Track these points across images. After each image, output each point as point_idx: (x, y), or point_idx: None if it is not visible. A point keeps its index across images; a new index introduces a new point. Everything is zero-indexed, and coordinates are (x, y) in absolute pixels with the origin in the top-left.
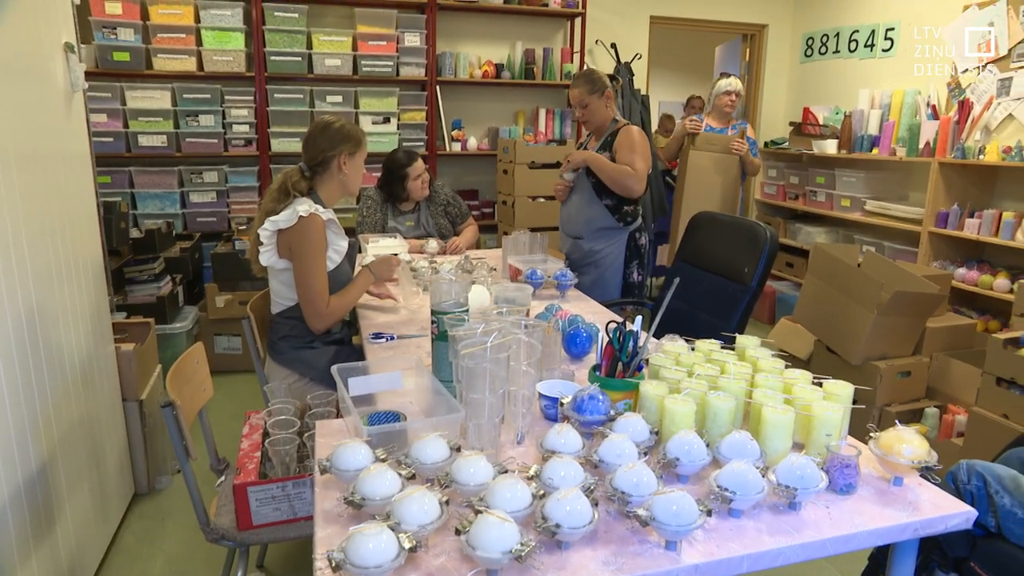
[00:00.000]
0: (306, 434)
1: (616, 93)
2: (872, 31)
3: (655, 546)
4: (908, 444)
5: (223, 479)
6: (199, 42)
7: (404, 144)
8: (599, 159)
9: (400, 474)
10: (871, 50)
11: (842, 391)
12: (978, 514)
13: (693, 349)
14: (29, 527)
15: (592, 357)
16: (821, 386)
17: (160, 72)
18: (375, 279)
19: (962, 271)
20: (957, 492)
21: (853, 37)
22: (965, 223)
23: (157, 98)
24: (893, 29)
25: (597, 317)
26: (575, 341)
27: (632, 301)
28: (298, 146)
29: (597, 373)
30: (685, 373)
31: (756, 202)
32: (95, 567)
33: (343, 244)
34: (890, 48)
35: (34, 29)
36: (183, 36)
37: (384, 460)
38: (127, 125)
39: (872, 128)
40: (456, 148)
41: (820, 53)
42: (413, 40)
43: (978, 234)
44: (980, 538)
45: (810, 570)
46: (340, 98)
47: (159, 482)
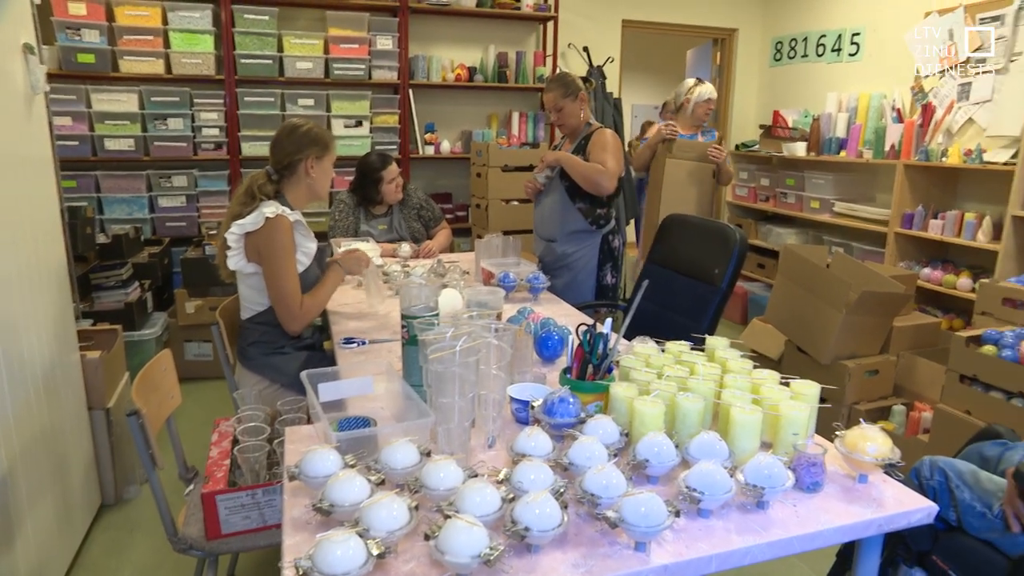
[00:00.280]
0: (276, 441)
1: (589, 96)
2: (839, 36)
3: (624, 547)
4: (872, 442)
5: (192, 488)
6: (167, 44)
7: (377, 147)
8: (571, 158)
9: (369, 480)
10: (838, 54)
11: (809, 390)
12: (939, 509)
13: (663, 351)
14: None
15: (564, 360)
16: (788, 386)
17: (127, 75)
18: (345, 274)
19: (927, 271)
20: (920, 488)
21: (820, 42)
22: (929, 224)
23: (124, 101)
24: (859, 34)
25: (570, 320)
26: (547, 344)
27: (606, 303)
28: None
29: (568, 376)
30: (655, 375)
31: (728, 204)
32: None
33: (312, 246)
34: (856, 52)
35: None
36: (150, 38)
37: (353, 466)
38: (93, 128)
39: (840, 131)
40: (429, 151)
41: (789, 57)
42: (385, 43)
43: (942, 235)
44: (942, 532)
45: (781, 567)
46: (312, 101)
47: (127, 492)
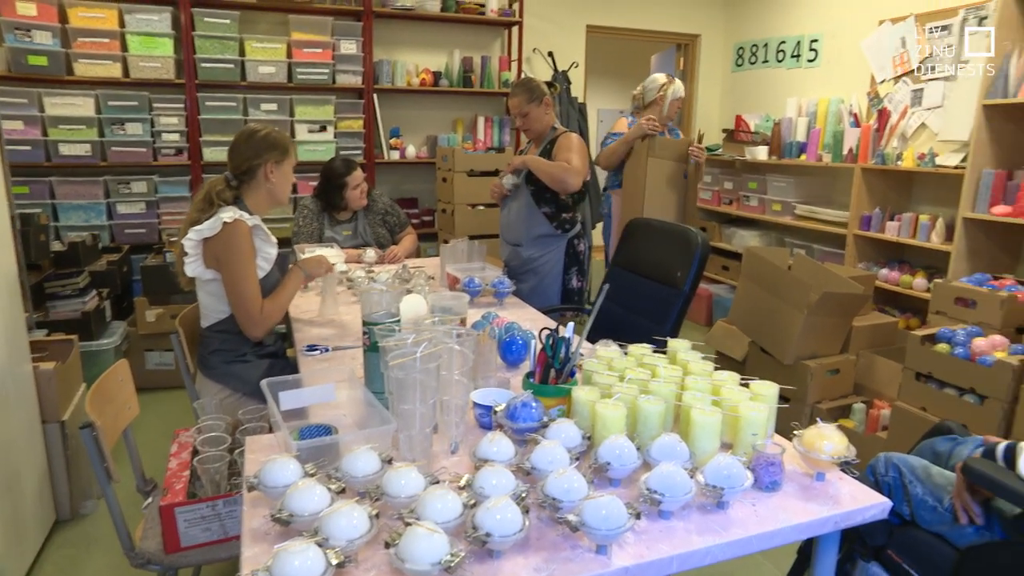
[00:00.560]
0: (237, 451)
1: (554, 100)
2: (798, 42)
3: (586, 551)
4: (828, 440)
5: (150, 501)
6: (124, 47)
7: (342, 152)
8: (537, 159)
9: (330, 489)
10: (797, 60)
11: (767, 391)
12: (893, 504)
13: (626, 354)
14: None
15: (528, 364)
16: (748, 387)
17: (82, 78)
18: (305, 276)
19: (885, 271)
20: (876, 484)
21: (780, 48)
22: (886, 226)
23: (79, 105)
24: (817, 41)
25: (535, 324)
26: (511, 349)
27: (571, 307)
28: None
29: (531, 380)
30: (617, 378)
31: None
32: None
33: (272, 251)
34: (815, 59)
35: None
36: (106, 41)
37: (314, 475)
38: (46, 133)
39: (800, 135)
40: (394, 156)
41: (750, 63)
42: (349, 48)
43: (898, 236)
44: (896, 526)
45: (746, 565)
46: (275, 106)
47: (83, 507)
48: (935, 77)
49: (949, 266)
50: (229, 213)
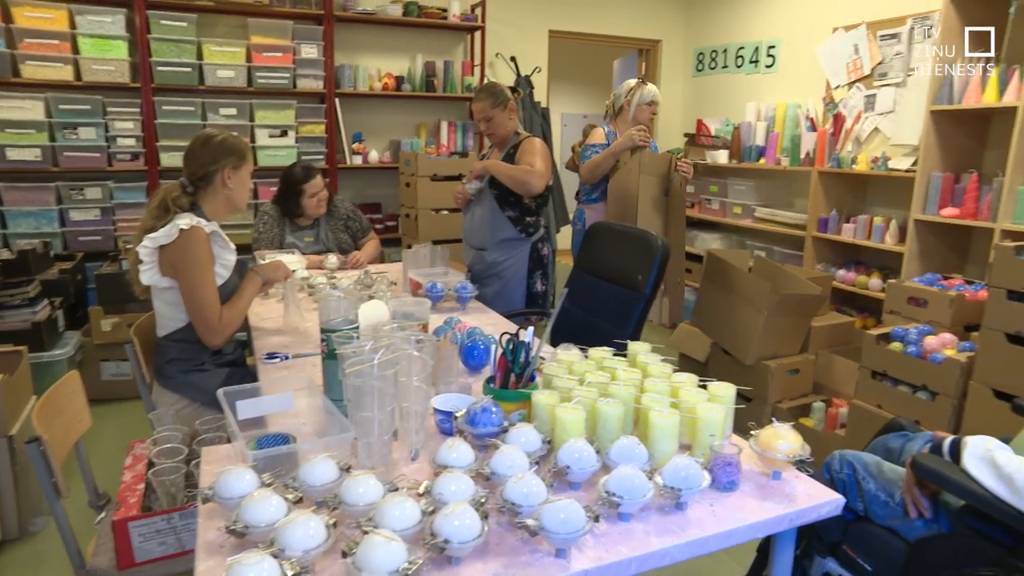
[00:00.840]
0: (194, 462)
1: (518, 105)
2: (756, 48)
3: (546, 555)
4: (784, 440)
5: (103, 515)
6: (75, 50)
7: (303, 158)
8: (499, 164)
9: (286, 498)
10: (756, 66)
11: (725, 392)
12: (848, 500)
13: (587, 357)
14: None
15: (490, 369)
16: (706, 388)
17: (30, 80)
18: (263, 281)
19: (842, 272)
20: (831, 481)
21: (739, 53)
22: (843, 228)
23: (28, 108)
24: (774, 47)
25: (497, 329)
26: (472, 354)
27: (536, 311)
28: None
29: (491, 385)
30: (577, 381)
31: None
32: None
33: (231, 258)
34: (772, 64)
35: None
36: (56, 42)
37: (270, 485)
38: None
39: (759, 139)
40: (357, 161)
41: (710, 68)
42: (310, 52)
43: (854, 238)
44: (851, 522)
45: (709, 564)
46: (234, 110)
47: (34, 524)
48: (886, 83)
49: (902, 267)
50: (186, 220)
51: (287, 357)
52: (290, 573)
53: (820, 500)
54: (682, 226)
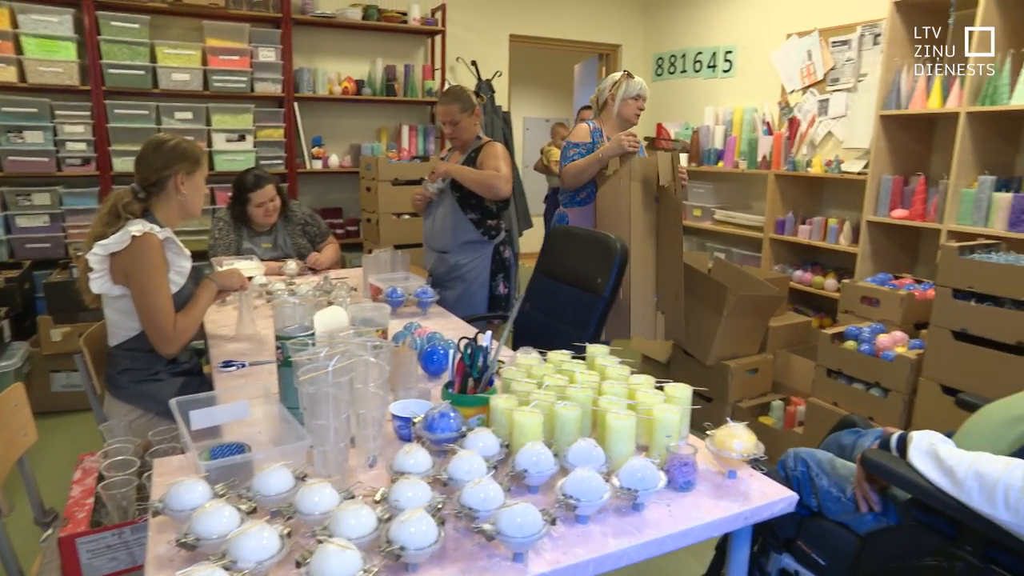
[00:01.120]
0: (146, 474)
1: (480, 110)
2: (713, 53)
3: (503, 559)
4: (738, 439)
5: (49, 532)
6: (19, 50)
7: (262, 162)
8: (463, 169)
9: (240, 509)
10: (713, 70)
11: (681, 393)
12: (802, 497)
13: (546, 360)
14: None
15: (449, 374)
16: (663, 389)
17: None
18: (218, 288)
19: (799, 273)
20: (786, 479)
21: (697, 58)
22: (799, 229)
23: None
24: (731, 52)
25: (458, 333)
26: (432, 359)
27: (498, 315)
28: None
29: (449, 390)
30: (535, 385)
31: None
32: None
33: (185, 265)
34: (729, 69)
35: None
36: None
37: (223, 496)
38: None
39: (717, 143)
40: (317, 166)
41: (670, 72)
42: (268, 55)
43: (810, 239)
44: (805, 518)
45: (671, 562)
46: (190, 114)
47: None
48: (839, 88)
49: (856, 267)
50: (138, 226)
51: (244, 365)
52: None
53: (774, 498)
54: (679, 237)
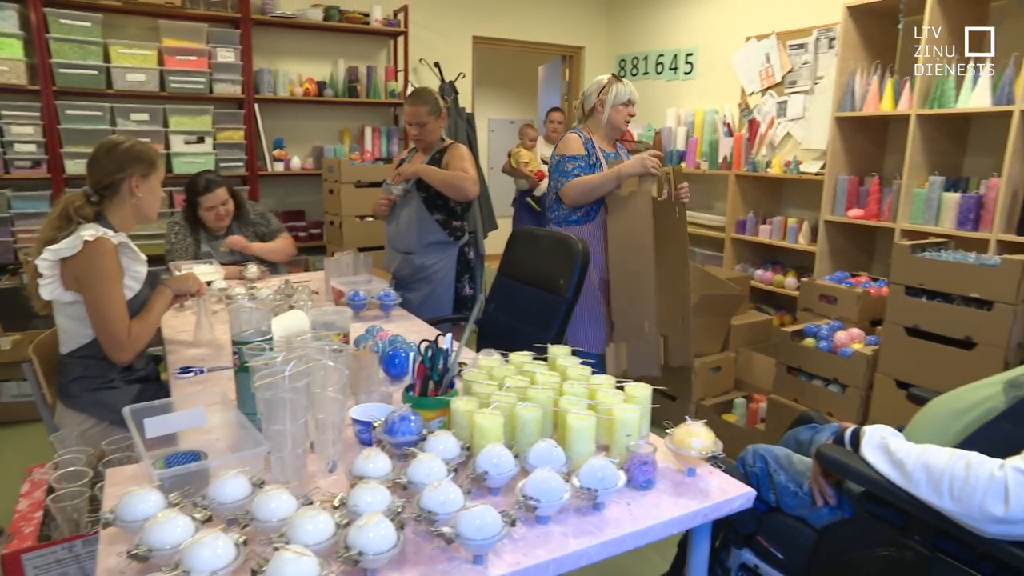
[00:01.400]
0: (99, 485)
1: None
2: (675, 55)
3: (464, 562)
4: (697, 437)
5: None
6: None
7: (222, 165)
8: (431, 169)
9: (194, 518)
10: (675, 72)
11: (641, 393)
12: (760, 492)
13: (508, 362)
14: None
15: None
16: (623, 389)
17: None
18: (174, 294)
19: (760, 272)
20: (745, 475)
21: (659, 60)
22: (759, 229)
23: None
24: (692, 54)
25: (421, 336)
26: (394, 362)
27: (465, 316)
28: None
29: (410, 393)
30: (496, 386)
31: None
32: None
33: (141, 270)
34: (691, 71)
35: None
36: None
37: (178, 505)
38: None
39: (680, 144)
40: (279, 168)
41: (632, 74)
42: (227, 56)
43: (770, 239)
44: (764, 513)
45: (636, 560)
46: (147, 115)
47: None
48: (796, 91)
49: (815, 265)
50: (90, 231)
51: (202, 371)
52: None
53: (732, 494)
54: (685, 255)
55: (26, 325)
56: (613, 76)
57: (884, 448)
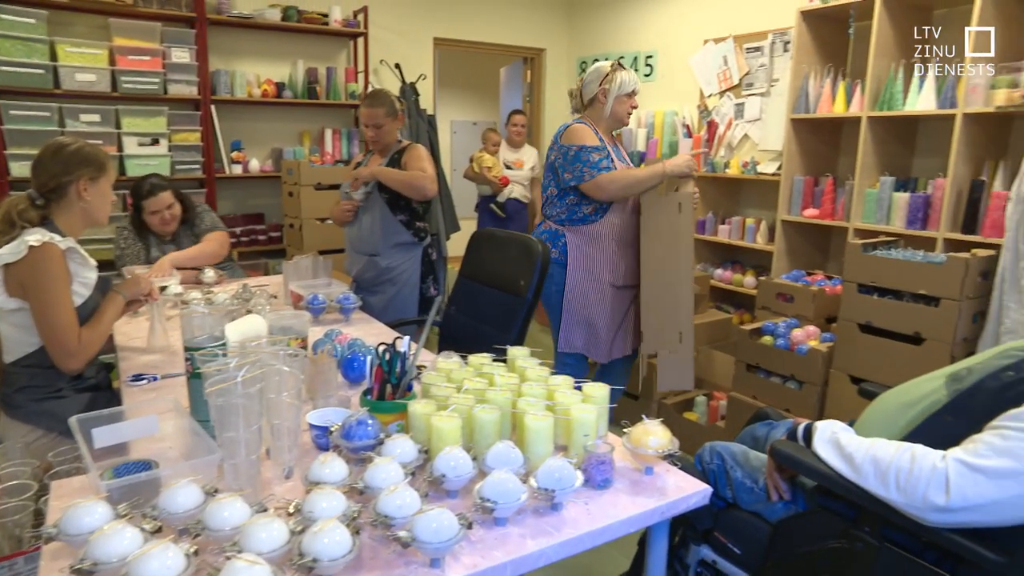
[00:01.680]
0: (44, 498)
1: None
2: (635, 57)
3: (421, 566)
4: (654, 436)
5: None
6: None
7: (178, 167)
8: (388, 170)
9: (143, 529)
10: (635, 74)
11: (598, 392)
12: (718, 489)
13: (467, 364)
14: None
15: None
16: (581, 389)
17: None
18: (125, 299)
19: (720, 271)
20: (703, 472)
21: (620, 63)
22: (719, 229)
23: None
24: (652, 56)
25: (381, 339)
26: (352, 366)
27: (426, 319)
28: None
29: (368, 397)
30: (455, 389)
31: None
32: None
33: (91, 276)
34: (651, 73)
35: None
36: None
37: (126, 516)
38: None
39: (640, 145)
40: (237, 170)
41: None
42: (182, 56)
43: (729, 238)
44: (721, 510)
45: (600, 559)
46: (98, 117)
47: None
48: (753, 93)
49: (772, 264)
50: (36, 236)
51: (155, 378)
52: None
53: (689, 491)
54: (690, 264)
55: None
56: (616, 64)
57: (835, 443)
